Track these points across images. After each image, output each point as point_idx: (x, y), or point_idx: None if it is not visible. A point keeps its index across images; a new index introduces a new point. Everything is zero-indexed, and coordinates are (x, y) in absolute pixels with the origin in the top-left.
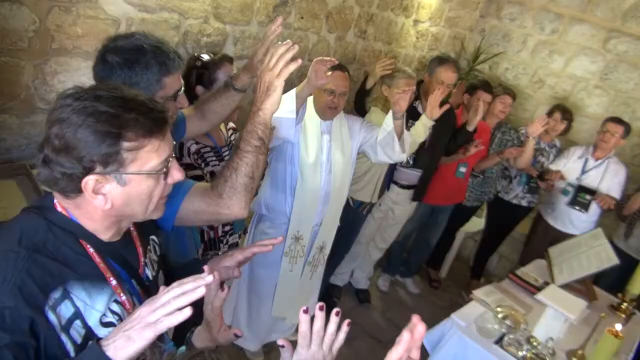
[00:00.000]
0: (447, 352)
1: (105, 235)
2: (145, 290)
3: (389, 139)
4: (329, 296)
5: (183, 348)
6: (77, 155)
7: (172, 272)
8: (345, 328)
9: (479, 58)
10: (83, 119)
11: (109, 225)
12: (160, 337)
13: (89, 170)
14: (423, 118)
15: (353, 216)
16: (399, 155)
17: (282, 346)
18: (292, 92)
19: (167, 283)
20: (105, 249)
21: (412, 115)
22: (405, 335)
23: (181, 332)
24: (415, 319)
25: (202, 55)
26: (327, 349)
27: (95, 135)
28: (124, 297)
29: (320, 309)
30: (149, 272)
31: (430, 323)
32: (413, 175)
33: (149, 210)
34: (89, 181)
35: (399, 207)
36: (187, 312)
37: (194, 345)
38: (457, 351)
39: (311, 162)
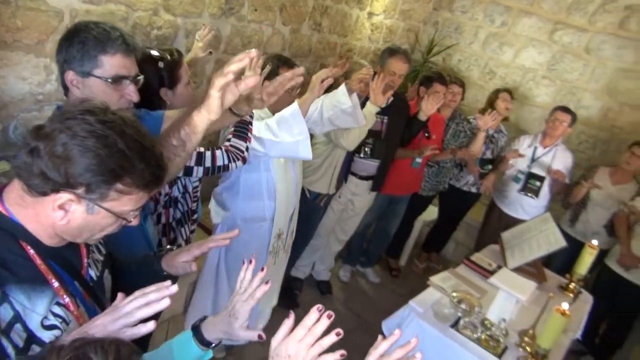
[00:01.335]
0: (405, 337)
1: (48, 241)
2: (89, 292)
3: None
4: (291, 289)
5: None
6: (69, 171)
7: (123, 269)
8: (333, 337)
9: (433, 50)
10: (98, 147)
11: (53, 234)
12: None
13: (70, 187)
14: (368, 105)
15: (309, 208)
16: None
17: (289, 316)
18: (299, 117)
19: (116, 282)
20: (47, 251)
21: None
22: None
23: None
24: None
25: (152, 51)
26: (313, 354)
27: (99, 167)
28: (67, 299)
29: (319, 310)
30: (93, 273)
31: (391, 311)
32: (371, 166)
33: (92, 239)
34: (64, 196)
35: (359, 198)
36: (151, 326)
37: (202, 333)
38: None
39: (282, 161)
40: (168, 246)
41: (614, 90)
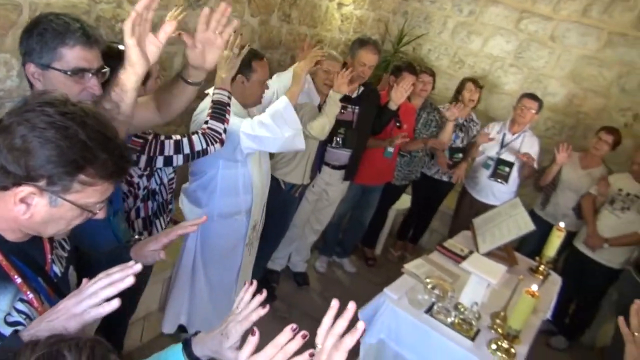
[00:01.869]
0: (382, 324)
1: (10, 236)
2: (53, 288)
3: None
4: (267, 281)
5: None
6: (29, 164)
7: (92, 263)
8: (306, 357)
9: (403, 40)
10: (58, 138)
11: (16, 229)
12: None
13: (31, 180)
14: (331, 93)
15: (285, 199)
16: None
17: (254, 333)
18: (290, 111)
19: (82, 277)
20: (8, 247)
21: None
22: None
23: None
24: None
25: (121, 46)
26: None
27: (60, 158)
28: (30, 295)
29: (292, 330)
30: (57, 269)
31: (368, 300)
32: (343, 156)
33: (58, 233)
34: (25, 190)
35: (332, 187)
36: (115, 304)
37: (191, 348)
38: (390, 323)
39: (256, 154)
40: (136, 236)
41: (579, 77)
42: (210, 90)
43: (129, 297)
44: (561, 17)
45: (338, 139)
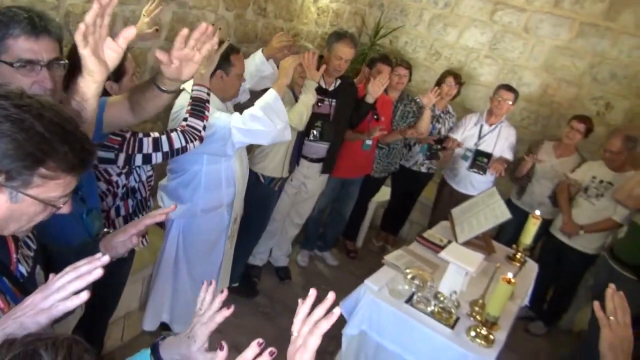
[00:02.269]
0: (363, 316)
1: None
2: (19, 288)
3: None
4: (249, 276)
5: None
6: None
7: (61, 259)
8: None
9: (380, 33)
10: (14, 131)
11: None
12: None
13: None
14: (306, 81)
15: (265, 193)
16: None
17: (222, 348)
18: (280, 103)
19: (50, 273)
20: None
21: (317, 90)
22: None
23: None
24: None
25: None
26: None
27: (18, 151)
28: None
29: (259, 345)
30: (23, 269)
31: (350, 292)
32: (321, 149)
33: (21, 230)
34: None
35: (311, 180)
36: (84, 296)
37: (159, 353)
38: (371, 314)
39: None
40: (105, 229)
41: (552, 67)
42: (187, 86)
43: (109, 296)
44: (534, 8)
45: (315, 132)
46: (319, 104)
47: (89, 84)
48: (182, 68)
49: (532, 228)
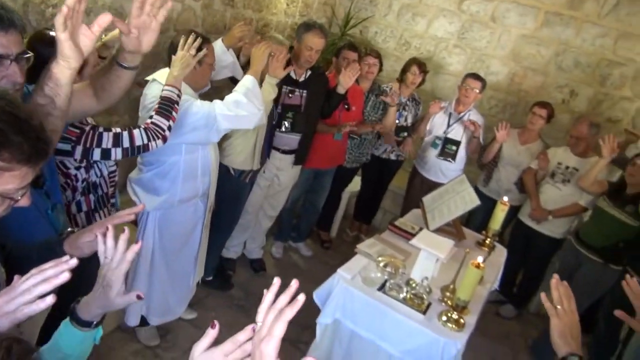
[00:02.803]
0: (336, 304)
1: None
2: None
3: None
4: (224, 270)
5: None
6: None
7: (22, 256)
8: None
9: (350, 23)
10: None
11: None
12: None
13: None
14: (267, 77)
15: (235, 186)
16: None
17: (214, 326)
18: (258, 88)
19: (12, 273)
20: None
21: (287, 81)
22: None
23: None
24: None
25: (52, 33)
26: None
27: None
28: None
29: (253, 330)
30: None
31: (325, 282)
32: (292, 140)
33: None
34: None
35: (283, 172)
36: (50, 300)
37: (79, 317)
38: (345, 302)
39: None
40: (69, 229)
41: (518, 56)
42: (158, 77)
43: (78, 295)
44: None
45: (287, 123)
46: (290, 95)
47: (64, 70)
48: (142, 38)
49: (500, 214)
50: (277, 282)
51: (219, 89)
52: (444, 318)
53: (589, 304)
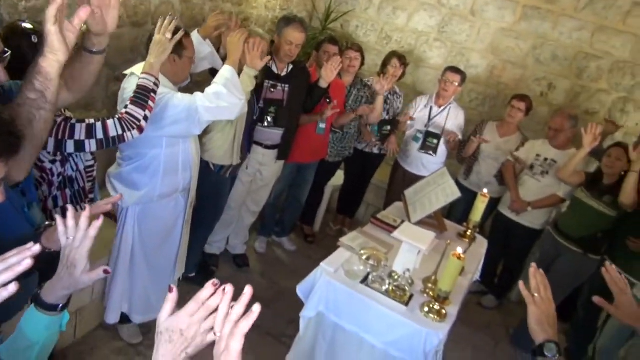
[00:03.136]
0: (320, 298)
1: None
2: None
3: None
4: (206, 265)
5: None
6: None
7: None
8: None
9: (330, 17)
10: None
11: None
12: None
13: None
14: (245, 68)
15: (216, 181)
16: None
17: (172, 290)
18: (237, 78)
19: None
20: None
21: (269, 76)
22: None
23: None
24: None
25: (24, 24)
26: (206, 328)
27: None
28: None
29: (214, 285)
30: None
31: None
32: (275, 135)
33: None
34: None
35: (266, 167)
36: (13, 288)
37: (42, 299)
38: (328, 295)
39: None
40: (47, 222)
41: (497, 49)
42: (136, 70)
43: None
44: None
45: (269, 118)
46: (272, 89)
47: (52, 63)
48: (106, 17)
49: (480, 206)
50: (229, 289)
51: (199, 83)
52: (426, 309)
53: (568, 293)
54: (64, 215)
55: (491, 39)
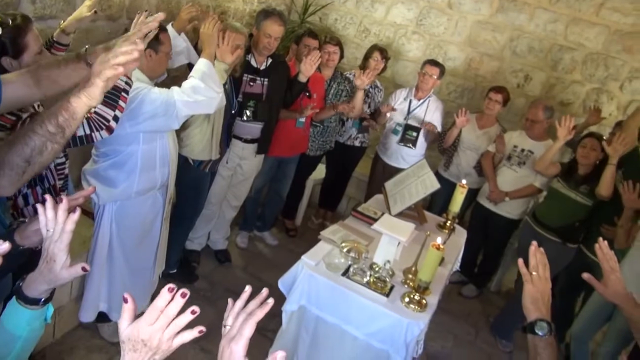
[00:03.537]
0: (302, 291)
1: None
2: None
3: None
4: (188, 262)
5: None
6: None
7: None
8: (189, 315)
9: (309, 10)
10: None
11: None
12: None
13: None
14: (216, 62)
15: (196, 176)
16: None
17: (126, 300)
18: (214, 71)
19: None
20: None
21: (248, 70)
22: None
23: None
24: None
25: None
26: (170, 335)
27: None
28: None
29: (170, 290)
30: None
31: None
32: (254, 129)
33: None
34: None
35: (246, 162)
36: None
37: (26, 294)
38: (310, 289)
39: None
40: (21, 219)
41: (475, 42)
42: None
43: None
44: None
45: (248, 112)
46: (251, 83)
47: (84, 107)
48: None
49: (459, 197)
50: (248, 290)
51: (176, 78)
52: (407, 299)
53: None
54: (35, 210)
55: (468, 31)
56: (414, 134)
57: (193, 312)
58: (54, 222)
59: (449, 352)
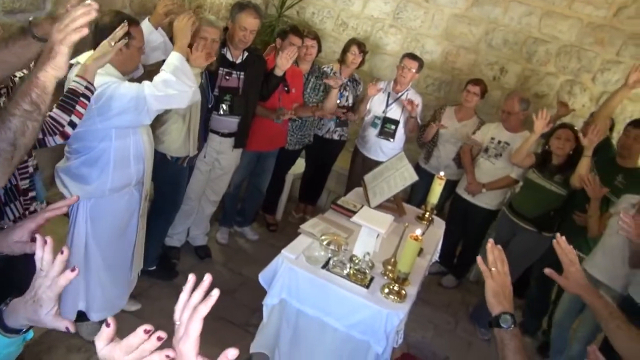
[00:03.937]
0: (282, 285)
1: None
2: None
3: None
4: (167, 259)
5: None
6: None
7: None
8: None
9: (286, 3)
10: None
11: None
12: None
13: None
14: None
15: (174, 171)
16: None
17: (108, 325)
18: (186, 64)
19: None
20: None
21: (224, 63)
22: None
23: None
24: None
25: None
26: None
27: None
28: None
29: (146, 332)
30: None
31: None
32: (231, 123)
33: None
34: None
35: (224, 156)
36: None
37: (6, 324)
38: (290, 282)
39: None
40: None
41: (451, 35)
42: (80, 60)
43: (11, 291)
44: None
45: (224, 106)
46: (227, 77)
47: (52, 79)
48: None
49: (437, 188)
50: (191, 279)
51: (153, 73)
52: (386, 290)
53: (523, 270)
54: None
55: (445, 24)
56: (393, 127)
57: (159, 339)
58: (49, 266)
59: (429, 342)
